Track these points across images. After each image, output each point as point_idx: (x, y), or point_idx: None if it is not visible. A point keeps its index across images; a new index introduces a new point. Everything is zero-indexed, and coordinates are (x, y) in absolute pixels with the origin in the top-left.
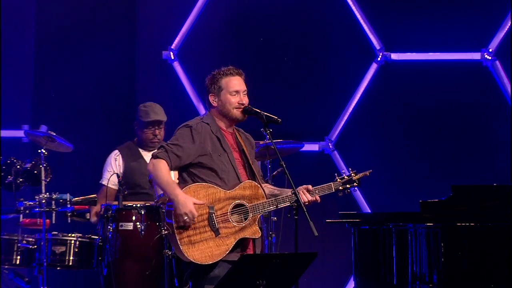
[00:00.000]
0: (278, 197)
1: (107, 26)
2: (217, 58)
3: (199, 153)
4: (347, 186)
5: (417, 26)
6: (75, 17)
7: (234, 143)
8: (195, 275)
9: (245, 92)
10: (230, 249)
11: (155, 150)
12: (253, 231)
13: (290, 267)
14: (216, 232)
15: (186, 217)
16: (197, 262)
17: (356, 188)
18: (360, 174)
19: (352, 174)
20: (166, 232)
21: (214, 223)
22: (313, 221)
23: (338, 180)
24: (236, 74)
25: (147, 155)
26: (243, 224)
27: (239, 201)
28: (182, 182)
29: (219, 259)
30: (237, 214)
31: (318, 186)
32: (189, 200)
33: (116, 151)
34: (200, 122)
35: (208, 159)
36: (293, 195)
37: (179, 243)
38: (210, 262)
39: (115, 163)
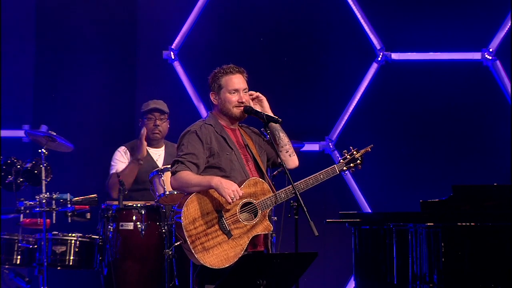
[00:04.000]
0: (284, 189)
1: (107, 26)
2: (217, 58)
3: (208, 154)
4: (351, 165)
5: (418, 26)
6: (75, 17)
7: (240, 140)
8: (201, 275)
9: (246, 90)
10: (244, 248)
11: (171, 168)
12: (265, 227)
13: (290, 267)
14: (228, 234)
15: (232, 194)
16: (214, 267)
17: (360, 166)
18: (362, 151)
19: (354, 152)
20: (179, 242)
21: (225, 225)
22: (313, 221)
23: (341, 161)
24: (236, 72)
25: (152, 151)
26: (254, 222)
27: (246, 199)
28: None
29: (235, 260)
30: (246, 212)
31: (323, 171)
32: (232, 182)
33: (123, 147)
34: (203, 125)
35: (216, 159)
36: (294, 194)
37: (193, 251)
38: (227, 265)
39: (125, 156)
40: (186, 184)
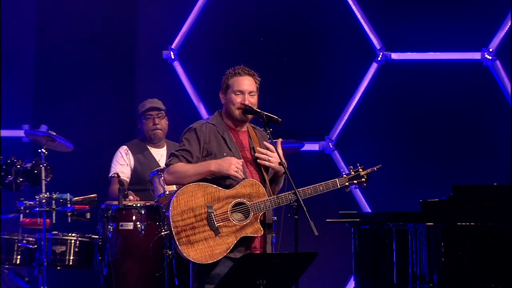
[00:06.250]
0: (280, 195)
1: (107, 26)
2: (217, 58)
3: (204, 153)
4: (354, 182)
5: (418, 26)
6: (75, 17)
7: (244, 142)
8: (198, 274)
9: (252, 93)
10: (231, 248)
11: (166, 161)
12: (255, 229)
13: (290, 267)
14: (216, 231)
15: (235, 168)
16: (196, 262)
17: (365, 184)
18: (368, 170)
19: (360, 169)
20: (166, 232)
21: (213, 222)
22: (313, 221)
23: (344, 176)
24: (245, 74)
25: (154, 151)
26: (244, 223)
27: (239, 199)
28: None
29: (219, 258)
30: (239, 212)
31: (323, 182)
32: (227, 157)
33: (125, 147)
34: (205, 124)
35: (213, 159)
36: (294, 194)
37: (177, 243)
38: (210, 261)
39: (127, 157)
40: (183, 174)
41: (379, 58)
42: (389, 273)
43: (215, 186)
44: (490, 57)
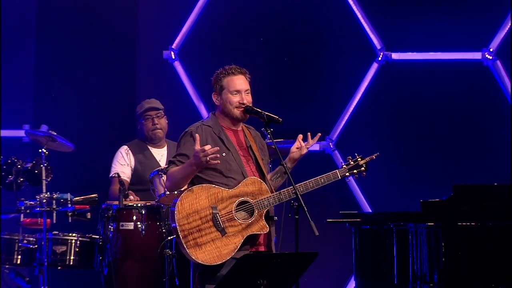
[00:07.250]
0: (282, 190)
1: (107, 26)
2: (217, 58)
3: None
4: (354, 171)
5: (418, 26)
6: (75, 17)
7: (241, 141)
8: (203, 276)
9: (248, 91)
10: (238, 247)
11: (165, 168)
12: (261, 227)
13: (291, 267)
14: (222, 231)
15: (204, 157)
16: (205, 264)
17: (364, 173)
18: (367, 158)
19: (359, 159)
20: (173, 236)
21: (219, 223)
22: (313, 221)
23: (344, 167)
24: (238, 73)
25: (155, 151)
26: (250, 221)
27: (243, 198)
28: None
29: (228, 258)
30: (243, 211)
31: (324, 175)
32: (194, 153)
33: (125, 147)
34: (200, 125)
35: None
36: (294, 194)
37: (185, 246)
38: (219, 262)
39: (127, 157)
40: (174, 179)
41: (379, 58)
42: (390, 273)
43: (217, 186)
44: (491, 57)
